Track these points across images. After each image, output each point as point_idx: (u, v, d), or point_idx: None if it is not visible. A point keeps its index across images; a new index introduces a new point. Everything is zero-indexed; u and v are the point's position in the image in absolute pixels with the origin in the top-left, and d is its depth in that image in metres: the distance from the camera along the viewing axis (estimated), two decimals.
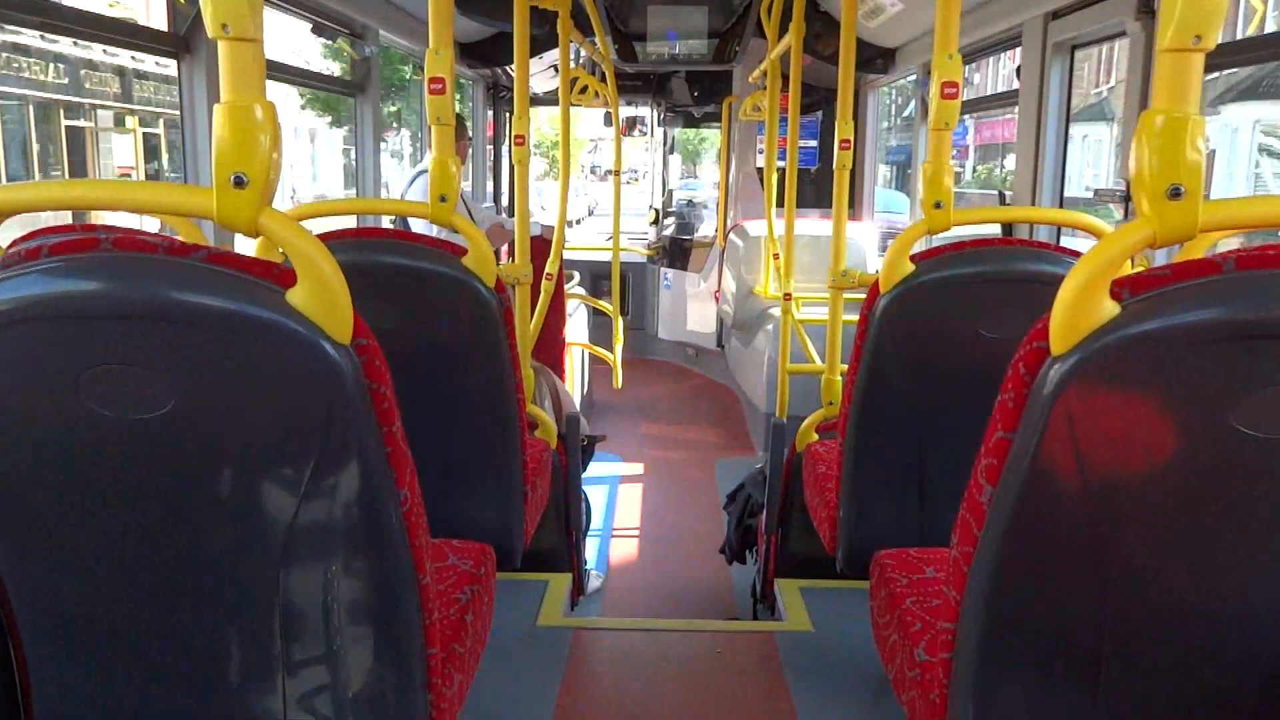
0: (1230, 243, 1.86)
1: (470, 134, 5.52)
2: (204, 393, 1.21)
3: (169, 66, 2.91)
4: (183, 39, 2.92)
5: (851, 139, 3.04)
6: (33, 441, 1.24)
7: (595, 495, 5.14)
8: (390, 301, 2.15)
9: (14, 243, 2.02)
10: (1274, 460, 1.15)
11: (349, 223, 4.04)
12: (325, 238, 2.20)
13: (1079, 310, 1.12)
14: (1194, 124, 1.09)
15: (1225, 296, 1.10)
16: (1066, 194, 3.68)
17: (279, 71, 3.91)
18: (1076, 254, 1.96)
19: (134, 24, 2.86)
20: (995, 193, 13.23)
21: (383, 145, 4.59)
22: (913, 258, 2.12)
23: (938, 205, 2.16)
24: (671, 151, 9.42)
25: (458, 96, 7.14)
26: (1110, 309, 1.12)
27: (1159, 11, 1.10)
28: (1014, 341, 1.22)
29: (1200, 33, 1.07)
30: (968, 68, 3.84)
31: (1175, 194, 1.10)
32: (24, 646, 1.35)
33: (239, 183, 1.15)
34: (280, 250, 1.22)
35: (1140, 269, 2.11)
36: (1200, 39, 1.08)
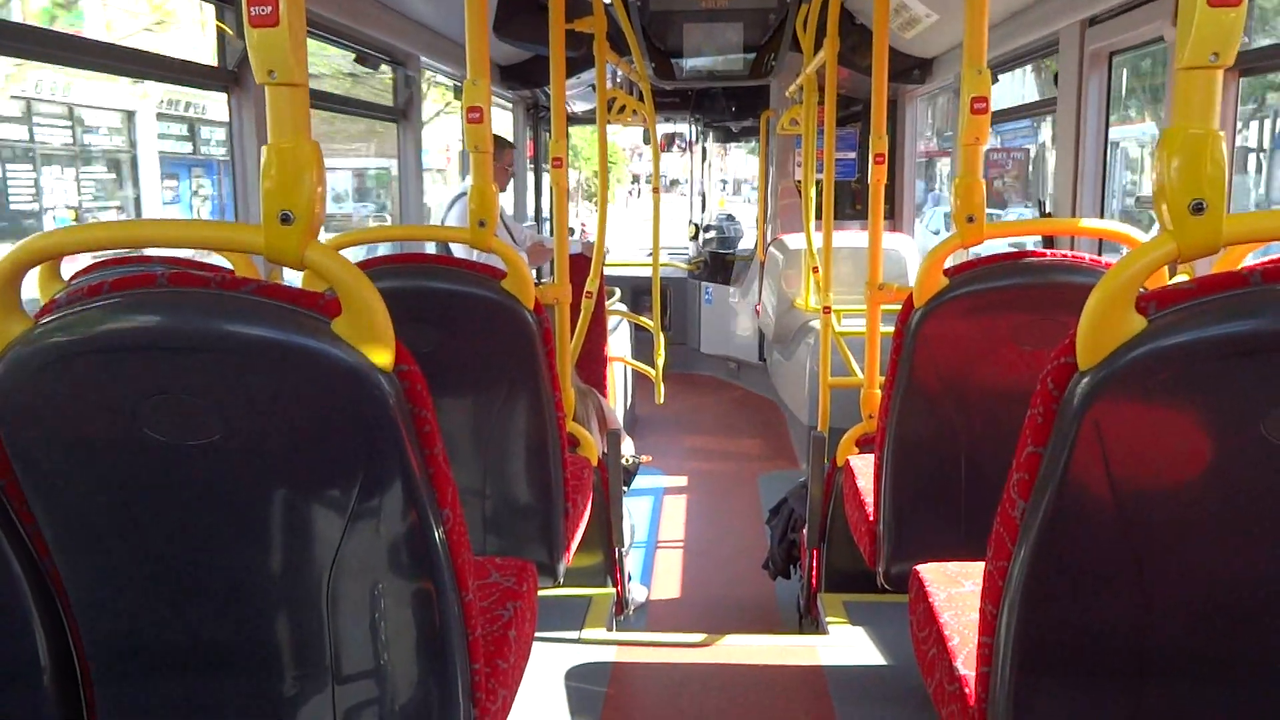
0: None
1: (512, 145, 5.60)
2: (254, 418, 1.27)
3: None
4: (232, 74, 3.01)
5: (886, 153, 3.05)
6: (95, 467, 1.31)
7: (639, 509, 5.17)
8: (431, 325, 2.21)
9: (75, 275, 2.11)
10: None
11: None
12: (369, 264, 2.27)
13: (1105, 325, 1.13)
14: (1214, 139, 1.10)
15: (1253, 309, 1.11)
16: None
17: (323, 100, 4.02)
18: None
19: (184, 61, 2.96)
20: None
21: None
22: (946, 271, 2.13)
23: (970, 219, 2.16)
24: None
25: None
26: (1137, 323, 1.13)
27: (1178, 29, 1.12)
28: (1050, 354, 1.23)
29: (1217, 50, 1.08)
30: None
31: (1198, 209, 1.11)
32: (89, 664, 1.42)
33: (285, 219, 1.21)
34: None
35: (1184, 276, 2.10)
36: (1218, 55, 1.09)
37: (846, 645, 2.71)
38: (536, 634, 1.98)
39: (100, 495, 1.32)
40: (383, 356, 1.23)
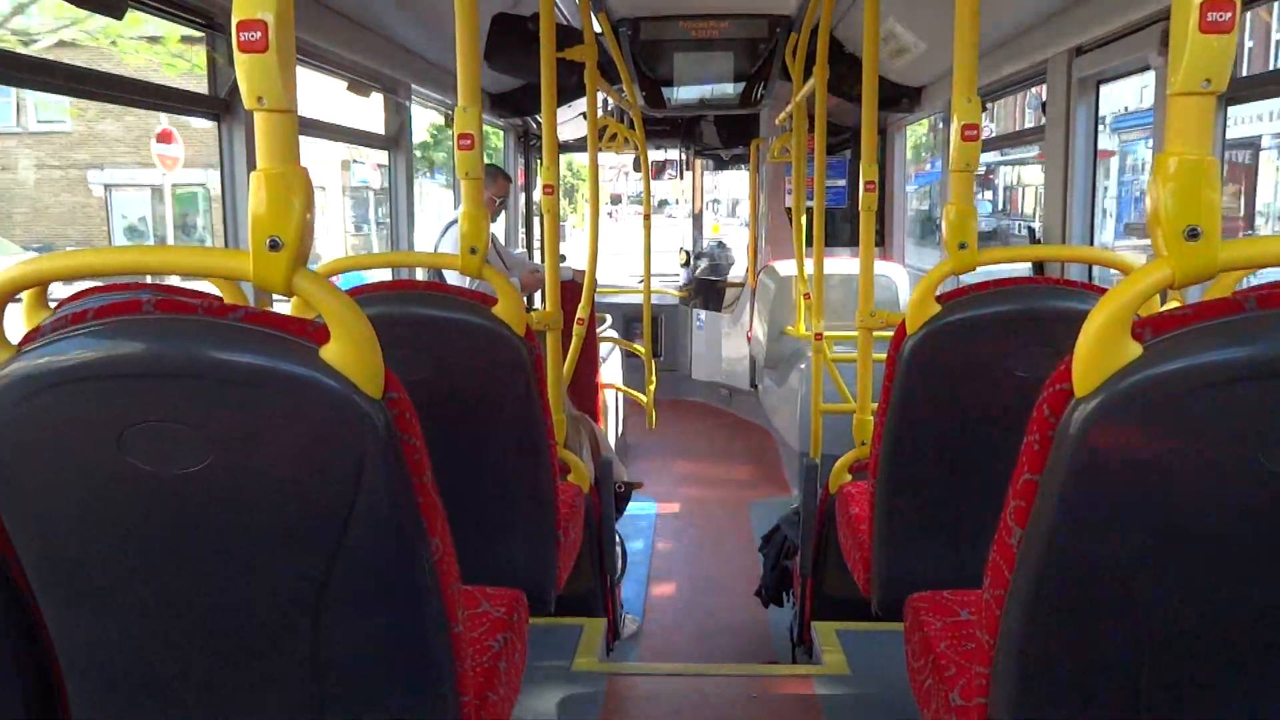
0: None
1: (510, 178, 5.61)
2: (241, 447, 1.25)
3: None
4: (223, 101, 3.01)
5: (876, 180, 3.06)
6: (79, 496, 1.29)
7: (631, 536, 5.14)
8: (422, 352, 2.19)
9: (61, 303, 2.09)
10: None
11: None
12: (360, 290, 2.26)
13: (1100, 351, 1.13)
14: (1208, 165, 1.10)
15: (1249, 335, 1.10)
16: None
17: (314, 128, 4.02)
18: (1104, 291, 1.95)
19: (174, 88, 2.95)
20: None
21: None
22: (939, 298, 2.12)
23: (962, 246, 2.17)
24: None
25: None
26: (1133, 350, 1.12)
27: (1169, 56, 1.12)
28: (1044, 380, 1.22)
29: (1209, 76, 1.09)
30: None
31: (1193, 235, 1.11)
32: (69, 694, 1.39)
33: (274, 246, 1.20)
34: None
35: (1174, 304, 2.10)
36: (1210, 82, 1.09)
37: (840, 675, 2.69)
38: (528, 664, 1.95)
39: (83, 524, 1.30)
40: (371, 384, 1.22)
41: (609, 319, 6.45)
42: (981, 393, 2.14)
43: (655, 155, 8.76)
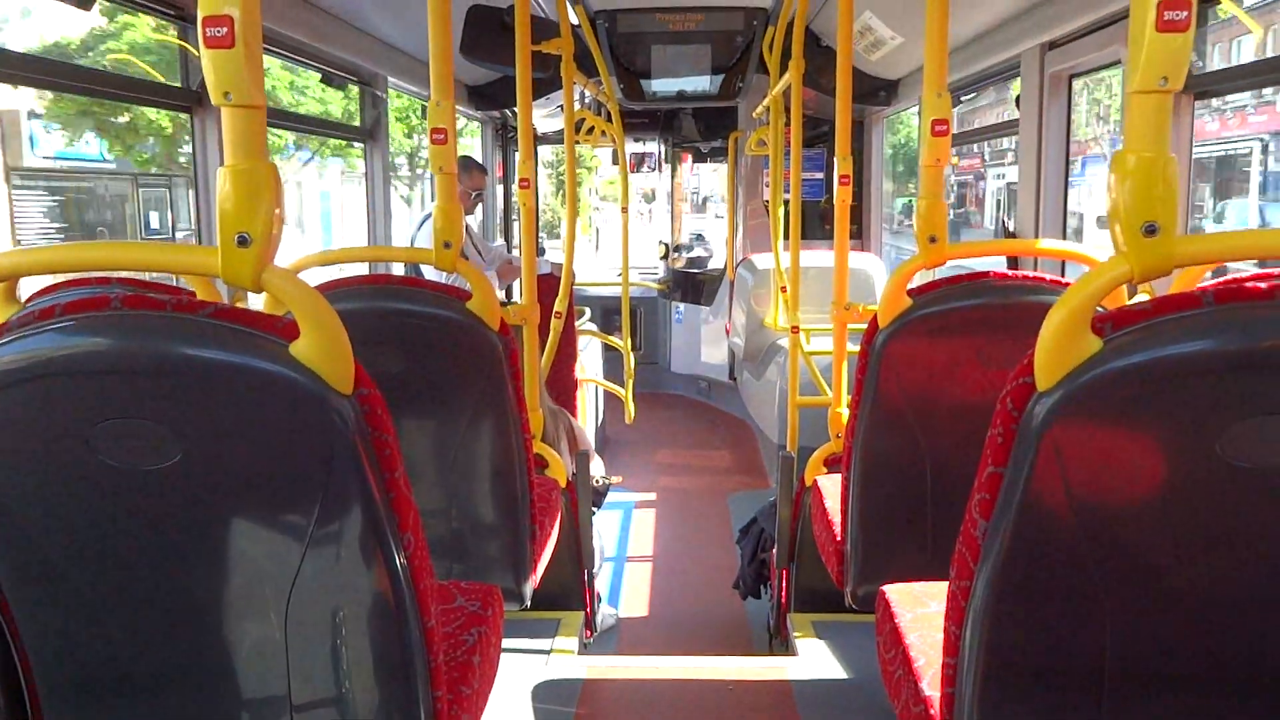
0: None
1: (485, 170, 5.59)
2: (211, 443, 1.25)
3: None
4: (195, 93, 2.99)
5: (850, 174, 3.07)
6: (47, 493, 1.28)
7: (609, 529, 5.15)
8: (396, 346, 2.19)
9: (30, 298, 2.08)
10: (1262, 488, 1.17)
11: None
12: (333, 285, 2.25)
13: (1062, 346, 1.14)
14: (1166, 163, 1.12)
15: (1206, 329, 1.12)
16: None
17: (289, 120, 4.00)
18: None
19: (145, 81, 2.92)
20: None
21: None
22: (910, 292, 2.14)
23: (932, 240, 2.18)
24: None
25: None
26: (1093, 344, 1.14)
27: (1128, 55, 1.14)
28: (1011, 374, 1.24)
29: (1167, 74, 1.10)
30: None
31: (1150, 231, 1.13)
32: (39, 692, 1.38)
33: (243, 242, 1.20)
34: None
35: (1145, 295, 2.13)
36: (1167, 80, 1.11)
37: (815, 665, 2.71)
38: (505, 657, 1.96)
39: (53, 521, 1.30)
40: (341, 380, 1.22)
41: (587, 312, 6.46)
42: (952, 386, 2.16)
43: (634, 148, 8.74)
